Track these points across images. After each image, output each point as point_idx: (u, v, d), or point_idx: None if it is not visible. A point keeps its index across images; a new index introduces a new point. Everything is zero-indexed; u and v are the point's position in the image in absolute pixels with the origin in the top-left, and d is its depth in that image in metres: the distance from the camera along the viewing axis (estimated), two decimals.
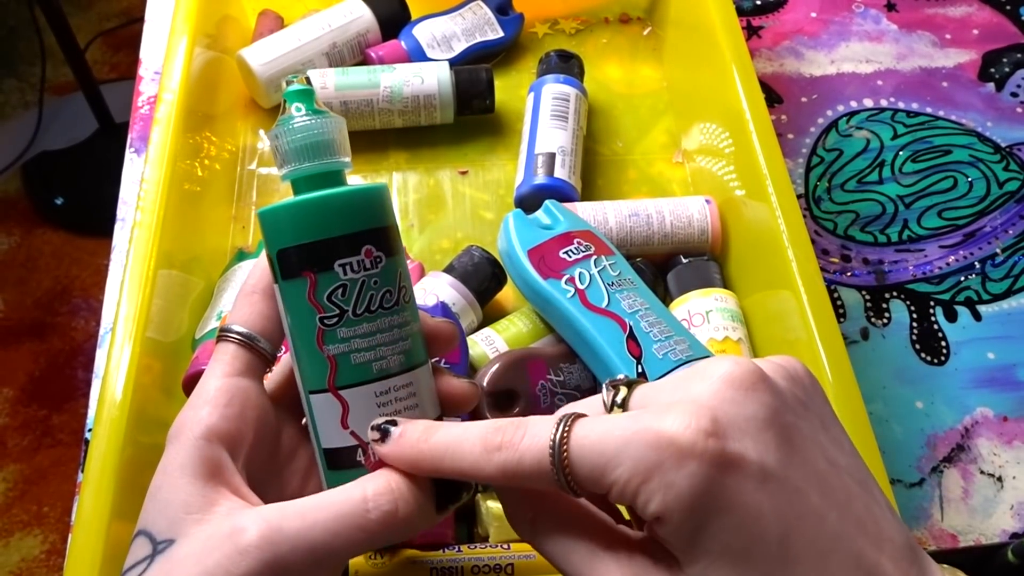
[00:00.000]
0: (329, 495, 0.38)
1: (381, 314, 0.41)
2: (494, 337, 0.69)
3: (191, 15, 0.77)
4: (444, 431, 0.38)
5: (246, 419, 0.41)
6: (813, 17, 1.00)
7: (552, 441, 0.34)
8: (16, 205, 1.93)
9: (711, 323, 0.70)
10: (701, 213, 0.76)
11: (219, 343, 0.43)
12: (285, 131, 0.42)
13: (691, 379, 0.35)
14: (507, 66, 0.93)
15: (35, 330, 1.77)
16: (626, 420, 0.34)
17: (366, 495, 0.37)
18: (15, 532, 1.56)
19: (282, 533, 0.36)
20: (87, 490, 0.53)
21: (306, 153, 0.42)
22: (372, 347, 0.40)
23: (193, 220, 0.72)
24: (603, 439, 0.34)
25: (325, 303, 0.40)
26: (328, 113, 0.43)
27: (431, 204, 0.83)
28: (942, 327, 0.79)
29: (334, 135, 0.42)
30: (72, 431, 1.66)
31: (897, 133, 0.90)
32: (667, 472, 0.32)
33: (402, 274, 0.42)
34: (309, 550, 0.36)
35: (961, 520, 0.70)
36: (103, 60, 2.15)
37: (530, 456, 0.35)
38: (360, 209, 0.41)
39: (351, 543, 0.37)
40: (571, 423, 0.35)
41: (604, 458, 0.33)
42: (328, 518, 0.37)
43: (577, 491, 0.34)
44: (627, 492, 0.33)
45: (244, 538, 0.35)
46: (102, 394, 0.57)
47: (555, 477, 0.34)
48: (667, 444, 0.32)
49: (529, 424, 0.36)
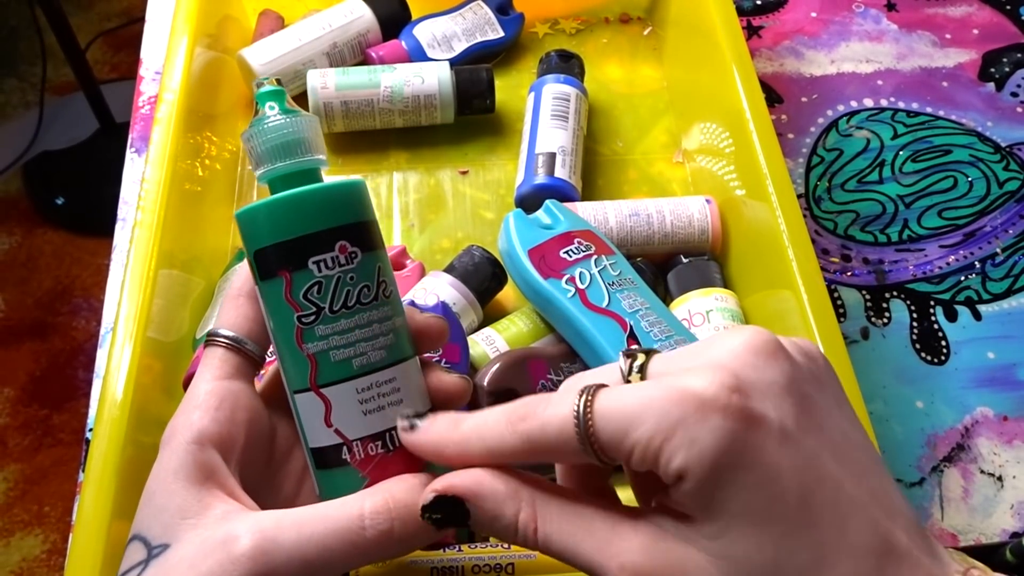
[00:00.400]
0: (326, 508, 0.38)
1: (359, 310, 0.40)
2: (495, 337, 0.69)
3: (192, 15, 0.77)
4: (468, 418, 0.38)
5: (237, 422, 0.41)
6: (813, 17, 1.00)
7: (576, 408, 0.34)
8: (17, 205, 1.93)
9: (711, 323, 0.70)
10: (701, 213, 0.76)
11: (207, 347, 0.43)
12: (256, 132, 0.42)
13: (710, 346, 0.35)
14: (507, 66, 0.93)
15: (36, 330, 1.77)
16: (648, 384, 0.34)
17: (363, 512, 0.37)
18: (16, 532, 1.57)
19: (276, 543, 0.36)
20: (88, 490, 0.53)
21: (277, 153, 0.42)
22: (351, 343, 0.40)
23: (194, 220, 0.72)
24: (626, 402, 0.34)
25: (302, 301, 0.40)
26: (299, 112, 0.43)
27: (431, 204, 0.83)
28: (942, 327, 0.79)
29: (305, 133, 0.42)
30: (73, 431, 1.66)
31: (897, 133, 0.91)
32: (691, 427, 0.32)
33: (381, 269, 0.42)
34: (302, 563, 0.36)
35: (961, 519, 0.70)
36: (104, 60, 2.15)
37: (554, 423, 0.35)
38: (332, 205, 0.41)
39: (345, 559, 0.37)
40: (595, 392, 0.35)
41: (628, 418, 0.33)
42: (323, 532, 0.37)
43: (600, 456, 0.34)
44: (649, 452, 0.33)
45: (237, 547, 0.36)
46: (103, 394, 0.57)
47: (579, 442, 0.34)
48: (691, 399, 0.32)
49: (552, 397, 0.36)
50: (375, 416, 0.40)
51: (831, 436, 0.34)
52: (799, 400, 0.34)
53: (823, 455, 0.33)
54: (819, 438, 0.34)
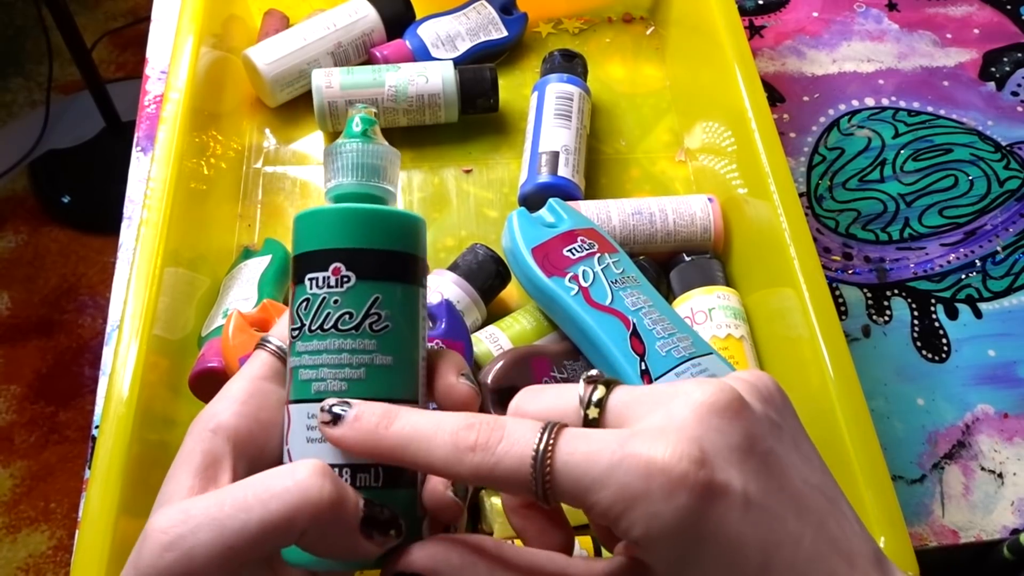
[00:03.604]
0: (248, 480, 0.35)
1: (333, 335, 0.39)
2: (498, 334, 0.70)
3: (197, 15, 0.78)
4: (407, 417, 0.36)
5: (260, 420, 0.41)
6: (815, 17, 1.00)
7: (536, 451, 0.34)
8: (23, 203, 1.94)
9: (713, 320, 0.71)
10: (704, 211, 0.77)
11: (255, 350, 0.44)
12: (337, 149, 0.42)
13: (673, 400, 0.35)
14: (511, 65, 0.93)
15: (42, 327, 1.78)
16: (614, 442, 0.33)
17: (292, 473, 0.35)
18: (22, 528, 1.57)
19: (187, 513, 0.34)
20: (94, 486, 0.53)
21: (343, 172, 0.42)
22: (315, 366, 0.39)
23: (199, 218, 0.73)
24: (590, 458, 0.33)
25: (295, 315, 0.40)
26: (379, 141, 0.43)
27: (436, 202, 0.83)
28: (943, 324, 0.79)
29: (376, 161, 0.42)
30: (79, 428, 1.67)
31: (898, 132, 0.91)
32: (654, 502, 0.32)
33: (378, 301, 0.40)
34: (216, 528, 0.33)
35: (962, 516, 0.70)
36: (110, 59, 2.15)
37: (509, 461, 0.34)
38: (336, 227, 0.40)
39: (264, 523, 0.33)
40: (556, 433, 0.34)
41: (589, 478, 0.33)
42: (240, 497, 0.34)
43: (551, 503, 0.34)
44: (609, 515, 0.33)
45: (150, 523, 0.34)
46: (109, 391, 0.57)
47: (533, 487, 0.34)
48: (658, 473, 0.32)
49: (507, 427, 0.35)
50: (316, 446, 0.39)
51: (792, 490, 0.34)
52: (761, 460, 0.34)
53: (783, 515, 0.33)
54: (779, 496, 0.34)
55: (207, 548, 0.33)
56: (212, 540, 0.33)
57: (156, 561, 0.33)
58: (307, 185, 0.84)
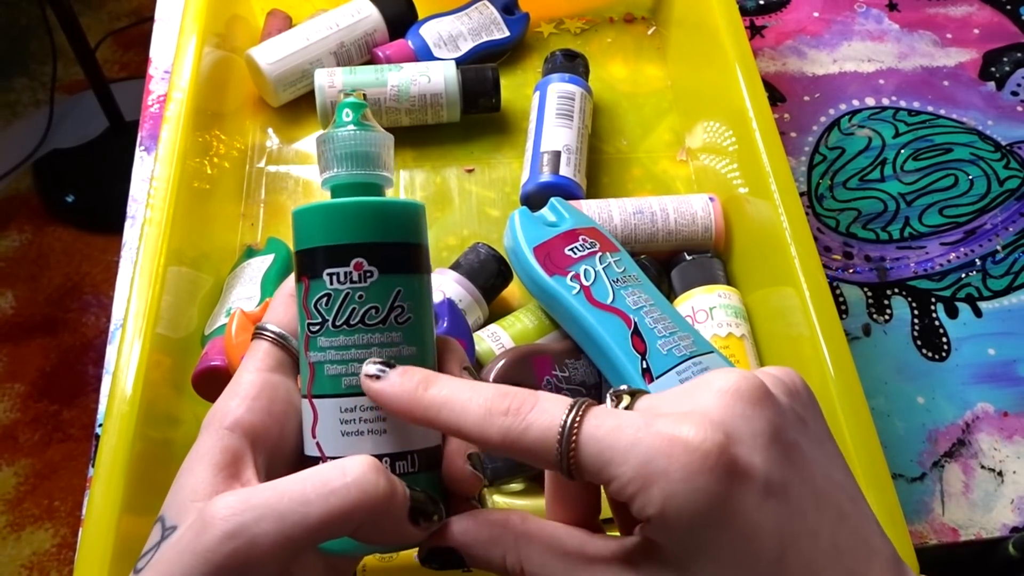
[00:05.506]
0: (301, 475, 0.36)
1: (361, 330, 0.40)
2: (500, 333, 0.70)
3: (200, 15, 0.78)
4: (444, 383, 0.37)
5: (273, 413, 0.41)
6: (815, 17, 1.00)
7: (563, 422, 0.34)
8: (27, 202, 1.94)
9: (714, 319, 0.71)
10: (705, 210, 0.77)
11: (254, 340, 0.44)
12: (328, 138, 0.42)
13: (698, 390, 0.35)
14: (513, 65, 0.93)
15: (46, 326, 1.78)
16: (640, 420, 0.34)
17: (344, 470, 0.36)
18: (26, 526, 1.58)
19: (248, 503, 0.35)
20: (98, 484, 0.54)
21: (340, 162, 0.42)
22: (345, 361, 0.40)
23: (202, 217, 0.73)
24: (614, 432, 0.34)
25: (312, 310, 0.40)
26: (374, 128, 0.42)
27: (438, 202, 0.84)
28: (943, 323, 0.79)
29: (371, 148, 0.42)
30: (83, 426, 1.67)
31: (899, 131, 0.91)
32: (673, 481, 0.32)
33: (402, 294, 0.41)
34: (277, 519, 0.34)
35: (962, 514, 0.70)
36: (113, 59, 2.16)
37: (537, 429, 0.35)
38: (357, 222, 0.40)
39: (324, 517, 0.35)
40: (584, 409, 0.35)
41: (611, 451, 0.33)
42: (298, 491, 0.35)
43: (573, 475, 0.35)
44: (626, 491, 0.33)
45: (210, 510, 0.35)
46: (112, 389, 0.57)
47: (557, 457, 0.34)
48: (680, 452, 0.32)
49: (540, 398, 0.36)
50: (352, 439, 0.40)
51: (813, 484, 0.34)
52: (784, 449, 0.34)
53: (803, 508, 0.33)
54: (801, 489, 0.34)
55: (269, 538, 0.34)
56: (274, 530, 0.34)
57: (218, 547, 0.34)
58: (310, 184, 0.85)
